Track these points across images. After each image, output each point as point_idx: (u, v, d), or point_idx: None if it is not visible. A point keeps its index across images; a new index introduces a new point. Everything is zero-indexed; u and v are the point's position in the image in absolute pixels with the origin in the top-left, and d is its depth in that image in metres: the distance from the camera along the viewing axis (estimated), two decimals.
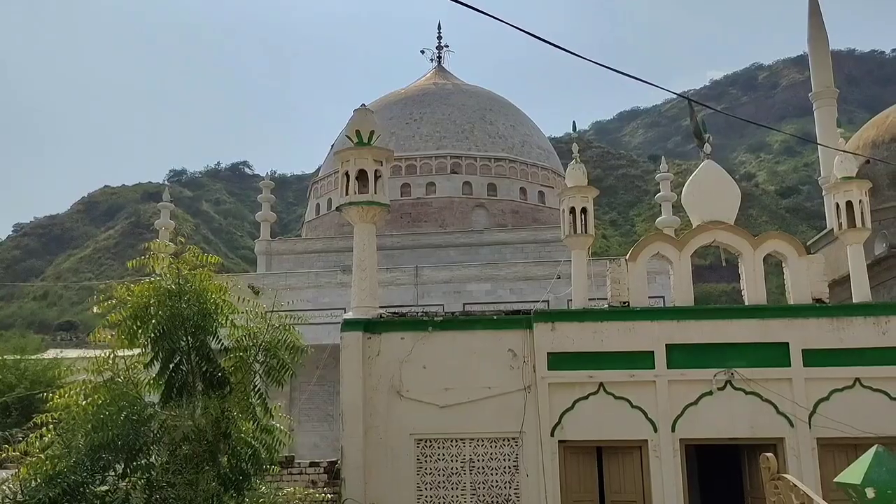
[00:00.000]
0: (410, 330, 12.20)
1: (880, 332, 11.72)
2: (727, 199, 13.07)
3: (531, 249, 25.04)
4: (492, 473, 11.70)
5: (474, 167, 27.18)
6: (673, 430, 11.66)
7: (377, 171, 12.56)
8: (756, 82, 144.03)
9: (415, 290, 23.03)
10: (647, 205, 68.40)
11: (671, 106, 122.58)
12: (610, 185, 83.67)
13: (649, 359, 11.89)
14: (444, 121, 28.50)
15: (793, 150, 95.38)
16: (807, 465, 11.31)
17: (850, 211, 12.76)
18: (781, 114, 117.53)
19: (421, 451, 11.84)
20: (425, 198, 26.96)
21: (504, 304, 20.16)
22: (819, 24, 28.46)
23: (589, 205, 12.87)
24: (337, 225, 26.34)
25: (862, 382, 11.61)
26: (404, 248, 25.14)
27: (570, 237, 12.83)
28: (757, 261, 12.56)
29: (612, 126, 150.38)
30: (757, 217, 71.31)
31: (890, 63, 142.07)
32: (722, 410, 11.69)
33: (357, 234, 12.66)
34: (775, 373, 11.70)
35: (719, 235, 12.71)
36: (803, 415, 11.50)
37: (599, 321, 12.11)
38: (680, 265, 12.61)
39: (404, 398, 11.92)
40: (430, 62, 33.58)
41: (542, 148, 30.03)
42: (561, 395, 11.84)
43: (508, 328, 12.19)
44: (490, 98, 31.04)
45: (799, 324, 11.88)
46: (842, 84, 31.28)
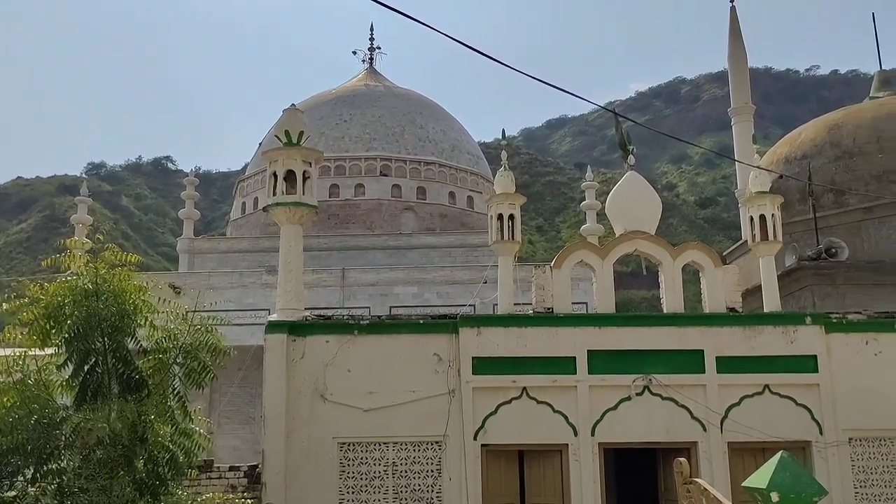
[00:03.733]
0: (336, 333, 12.12)
1: (788, 341, 12.25)
2: (649, 210, 13.45)
3: (459, 254, 25.20)
4: (415, 477, 11.72)
5: (404, 170, 27.20)
6: (592, 434, 11.92)
7: (306, 171, 12.44)
8: (679, 96, 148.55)
9: (341, 293, 22.87)
10: (573, 212, 69.64)
11: (598, 116, 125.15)
12: (537, 191, 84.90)
13: (571, 364, 12.13)
14: (375, 123, 28.43)
15: (712, 162, 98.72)
16: (718, 469, 11.73)
17: (763, 224, 13.30)
18: (702, 127, 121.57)
19: (344, 455, 11.77)
20: (354, 199, 26.83)
21: (431, 308, 20.21)
22: (739, 43, 29.57)
23: (516, 211, 13.05)
24: (263, 224, 25.93)
25: (771, 389, 12.10)
26: (331, 250, 24.93)
27: (497, 243, 12.98)
28: (676, 270, 12.97)
29: (540, 133, 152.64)
30: (677, 226, 73.54)
31: (803, 82, 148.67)
32: (640, 415, 12.01)
33: (283, 234, 12.51)
34: (690, 379, 12.10)
35: (640, 245, 13.06)
36: (716, 420, 11.92)
37: (524, 326, 12.29)
38: (602, 273, 12.91)
39: (328, 402, 11.84)
40: (362, 63, 33.45)
41: (471, 153, 30.27)
42: (485, 400, 11.97)
43: (434, 332, 12.24)
44: (421, 102, 31.12)
45: (713, 332, 12.31)
46: (758, 101, 32.56)
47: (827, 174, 19.93)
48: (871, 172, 19.59)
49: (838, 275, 17.98)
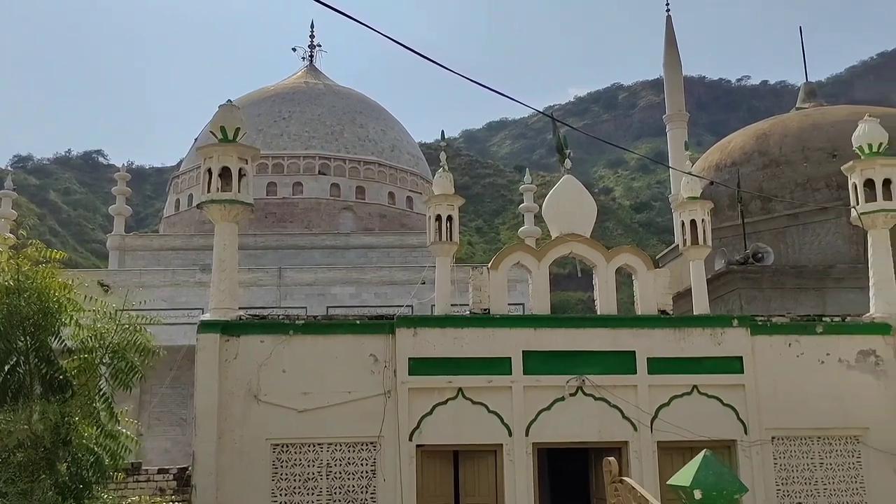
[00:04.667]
0: (271, 333, 11.96)
1: (716, 343, 12.60)
2: (584, 214, 13.67)
3: (397, 254, 25.18)
4: (349, 478, 11.65)
5: (343, 169, 27.03)
6: (527, 434, 12.04)
7: (242, 169, 12.24)
8: (616, 101, 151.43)
9: (277, 292, 22.59)
10: (512, 214, 70.29)
11: (538, 119, 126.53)
12: (477, 193, 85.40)
13: (507, 365, 12.23)
14: (314, 121, 28.19)
15: (648, 167, 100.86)
16: (647, 468, 11.99)
17: (693, 229, 13.67)
18: (639, 132, 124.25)
19: (277, 457, 11.62)
20: (292, 198, 26.54)
21: (369, 308, 20.12)
22: (674, 51, 30.38)
23: (454, 213, 13.11)
24: (197, 222, 25.44)
25: (699, 389, 12.43)
26: (268, 249, 24.61)
27: (435, 244, 13.01)
28: (609, 272, 13.21)
29: (480, 135, 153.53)
30: (613, 230, 74.94)
31: (735, 91, 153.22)
32: (573, 415, 12.19)
33: (218, 232, 12.29)
34: (622, 380, 12.33)
35: (576, 248, 13.27)
36: (646, 420, 12.19)
37: (460, 327, 12.34)
38: (538, 275, 13.06)
39: (262, 402, 11.67)
40: (302, 60, 33.13)
41: (411, 153, 30.28)
42: (421, 400, 11.97)
43: (371, 333, 12.20)
44: (361, 101, 30.98)
45: (645, 333, 12.58)
46: (692, 108, 33.47)
47: (755, 181, 20.60)
48: (796, 180, 20.32)
49: (764, 279, 18.59)
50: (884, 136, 13.35)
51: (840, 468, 12.44)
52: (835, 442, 12.53)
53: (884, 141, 13.31)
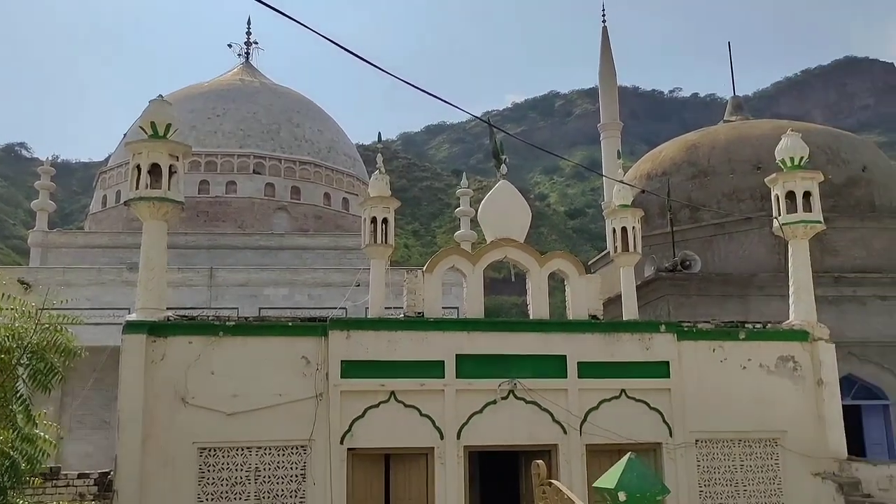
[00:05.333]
0: (200, 334, 11.71)
1: (644, 348, 12.90)
2: (519, 219, 13.82)
3: (332, 256, 24.95)
4: (278, 482, 11.49)
5: (278, 169, 26.67)
6: (458, 437, 12.09)
7: (172, 166, 11.96)
8: (553, 109, 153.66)
9: (208, 292, 22.12)
10: (449, 217, 70.58)
11: (476, 124, 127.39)
12: (414, 196, 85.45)
13: (440, 368, 12.25)
14: (249, 119, 27.74)
15: (582, 174, 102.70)
16: (576, 470, 12.18)
17: (624, 236, 13.96)
18: (574, 140, 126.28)
19: (204, 461, 11.37)
20: (225, 197, 26.05)
21: (302, 310, 19.88)
22: (609, 61, 30.98)
23: (390, 215, 13.08)
24: (125, 219, 24.73)
25: (627, 393, 12.69)
26: (199, 248, 24.06)
27: (370, 246, 12.96)
28: (542, 277, 13.38)
29: (419, 138, 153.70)
30: (547, 235, 75.96)
31: (668, 102, 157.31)
32: (504, 419, 12.29)
33: (146, 231, 11.97)
34: (553, 383, 12.50)
35: (510, 252, 13.39)
36: (575, 423, 12.37)
37: (394, 330, 12.32)
38: (473, 278, 13.14)
39: (189, 405, 11.41)
40: (238, 57, 32.56)
41: (348, 155, 30.09)
42: (352, 403, 11.90)
43: (303, 335, 12.06)
44: (298, 100, 30.64)
45: (576, 338, 12.78)
46: (626, 118, 34.13)
47: (684, 191, 21.17)
48: (723, 191, 20.97)
49: (691, 286, 19.10)
50: (804, 150, 13.88)
51: (759, 470, 12.87)
52: (755, 444, 12.96)
53: (804, 155, 13.84)
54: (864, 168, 21.15)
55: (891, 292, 18.97)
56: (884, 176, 21.72)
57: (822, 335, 13.42)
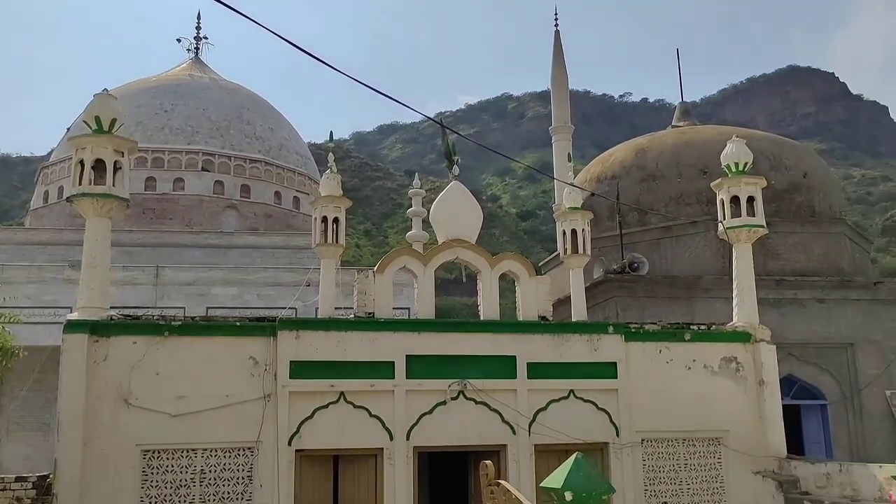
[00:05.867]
0: (144, 334, 11.46)
1: (593, 349, 13.05)
2: (470, 220, 13.86)
3: (283, 255, 24.72)
4: (224, 485, 11.31)
5: (228, 166, 26.32)
6: (408, 438, 12.06)
7: (117, 161, 11.68)
8: (506, 111, 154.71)
9: (154, 291, 21.71)
10: (401, 218, 70.48)
11: (429, 125, 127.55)
12: (366, 195, 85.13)
13: (390, 369, 12.21)
14: (199, 115, 27.31)
15: (534, 177, 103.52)
16: (525, 470, 12.25)
17: (574, 238, 14.10)
18: (526, 142, 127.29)
19: (147, 463, 11.13)
20: (172, 194, 25.60)
21: (251, 310, 19.66)
22: (561, 65, 31.28)
23: (341, 215, 12.98)
24: (68, 216, 24.12)
25: (575, 394, 12.82)
26: (145, 246, 23.61)
27: (320, 246, 12.85)
28: (493, 278, 13.44)
29: (372, 138, 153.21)
30: (499, 237, 76.42)
31: (618, 107, 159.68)
32: (454, 419, 12.31)
33: (89, 228, 11.67)
34: (503, 384, 12.55)
35: (461, 253, 13.42)
36: (524, 423, 12.45)
37: (344, 331, 12.23)
38: (424, 279, 13.13)
39: (132, 407, 11.16)
40: (187, 52, 32.03)
41: (299, 153, 29.83)
42: (301, 404, 11.78)
43: (251, 335, 11.90)
44: (249, 97, 30.28)
45: (526, 338, 12.86)
46: (577, 121, 34.51)
47: (633, 194, 21.51)
48: (671, 195, 21.36)
49: (639, 288, 19.41)
50: (749, 156, 14.22)
51: (702, 468, 13.14)
52: (698, 443, 13.22)
53: (749, 161, 14.18)
54: (805, 174, 21.77)
55: (829, 295, 19.56)
56: (823, 182, 22.40)
57: (764, 337, 13.76)
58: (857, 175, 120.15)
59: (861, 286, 19.90)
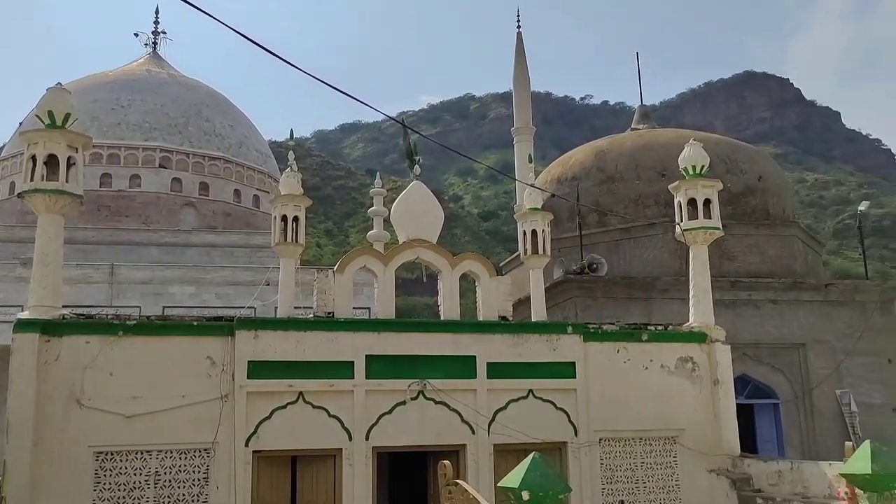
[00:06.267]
0: (98, 333, 11.23)
1: (552, 349, 13.14)
2: (431, 220, 13.86)
3: (242, 254, 24.47)
4: (179, 486, 11.14)
5: (186, 164, 25.95)
6: (367, 438, 12.01)
7: (71, 157, 11.42)
8: (468, 111, 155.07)
9: (109, 290, 21.34)
10: (363, 217, 70.20)
11: (391, 124, 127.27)
12: (328, 194, 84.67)
13: (349, 369, 12.15)
14: (156, 111, 26.87)
15: (495, 177, 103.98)
16: (483, 470, 12.29)
17: (534, 238, 14.19)
18: (488, 143, 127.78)
19: (100, 465, 10.90)
20: (128, 191, 25.17)
21: (209, 310, 19.41)
22: (523, 67, 31.47)
23: (301, 214, 12.89)
24: (20, 212, 23.55)
25: (534, 393, 12.89)
26: (100, 244, 23.18)
27: (280, 245, 12.74)
28: (454, 278, 13.46)
29: (333, 136, 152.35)
30: (461, 237, 76.61)
31: (579, 109, 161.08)
32: (414, 419, 12.29)
33: (41, 225, 11.40)
34: (463, 384, 12.57)
35: (422, 253, 13.41)
36: (484, 423, 12.49)
37: (303, 330, 12.14)
38: (384, 279, 13.09)
39: (85, 407, 10.93)
40: (145, 47, 31.51)
41: (259, 151, 29.54)
42: (259, 405, 11.66)
43: (209, 335, 11.73)
44: (209, 93, 29.88)
45: (486, 338, 12.89)
46: (539, 123, 34.78)
47: (592, 196, 21.72)
48: (630, 196, 21.62)
49: (598, 288, 19.60)
50: (706, 159, 14.45)
51: (658, 467, 13.31)
52: (654, 442, 13.39)
53: (706, 164, 14.40)
54: (759, 178, 22.20)
55: (782, 296, 19.98)
56: (777, 186, 22.87)
57: (719, 337, 13.99)
58: (810, 179, 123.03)
59: (813, 288, 20.36)
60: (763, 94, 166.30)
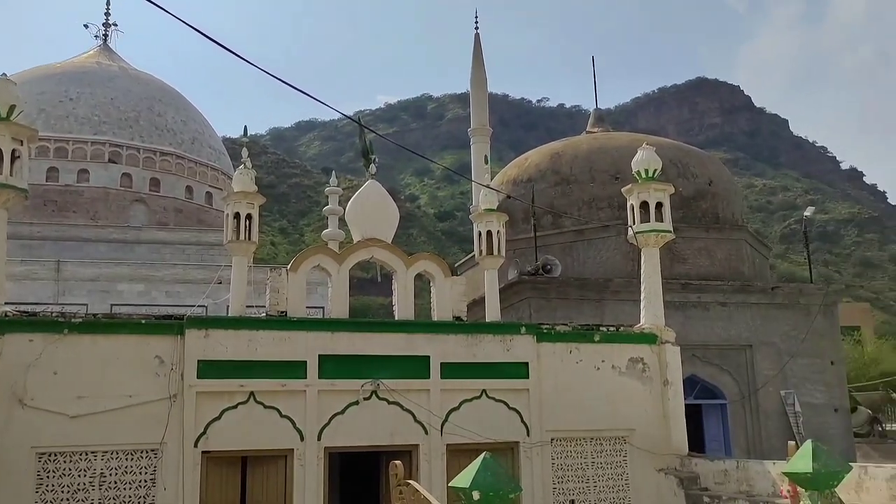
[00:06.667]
0: (42, 331, 10.93)
1: (505, 349, 13.20)
2: (387, 219, 13.81)
3: (193, 252, 24.07)
4: (125, 488, 10.91)
5: (136, 159, 25.43)
6: (319, 438, 11.92)
7: (15, 150, 11.11)
8: (425, 112, 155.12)
9: (55, 287, 20.81)
10: (318, 216, 69.69)
11: (348, 123, 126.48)
12: (283, 192, 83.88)
13: (302, 368, 12.04)
14: (106, 105, 26.28)
15: (452, 178, 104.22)
16: (436, 470, 12.29)
17: (490, 239, 14.25)
18: (445, 143, 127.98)
19: (43, 467, 10.62)
20: (76, 186, 24.56)
21: (159, 308, 19.07)
22: (481, 68, 31.61)
23: (254, 211, 12.74)
24: None
25: (488, 393, 12.94)
26: (46, 239, 22.59)
27: (232, 243, 12.57)
28: (409, 278, 13.44)
29: (289, 134, 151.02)
30: (417, 237, 76.58)
31: (535, 111, 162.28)
32: (366, 419, 12.24)
33: None
34: (416, 384, 12.56)
35: (377, 252, 13.37)
36: (437, 423, 12.49)
37: (255, 329, 11.99)
38: (338, 278, 13.01)
39: (28, 407, 10.63)
40: (95, 39, 30.80)
41: (213, 147, 29.10)
42: (209, 405, 11.48)
43: (158, 333, 11.51)
44: (161, 88, 29.32)
45: (440, 339, 12.90)
46: (496, 124, 34.95)
47: (547, 197, 21.89)
48: (584, 199, 21.85)
49: (552, 289, 19.76)
50: (658, 162, 14.66)
51: (609, 466, 13.47)
52: (605, 442, 13.55)
53: (658, 167, 14.62)
54: (710, 182, 22.64)
55: (731, 299, 20.40)
56: (727, 191, 23.35)
57: (669, 338, 14.22)
58: (759, 184, 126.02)
59: (760, 290, 20.84)
60: (714, 101, 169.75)
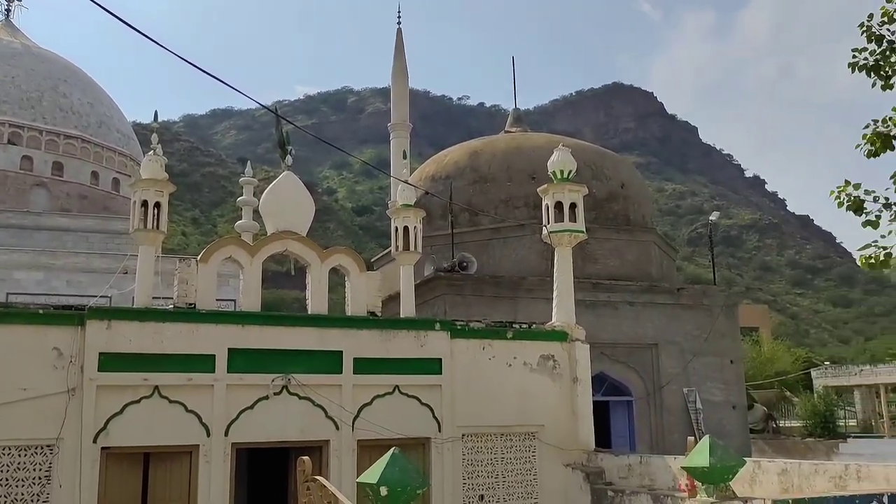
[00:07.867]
0: None
1: (419, 345, 13.21)
2: (302, 212, 13.61)
3: (98, 240, 23.14)
4: (18, 485, 10.38)
5: (38, 141, 24.24)
6: (226, 434, 11.64)
7: None
8: (345, 104, 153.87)
9: None
10: (232, 206, 68.10)
11: (265, 112, 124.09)
12: (196, 181, 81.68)
13: (210, 362, 11.73)
14: (7, 83, 24.97)
15: (371, 172, 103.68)
16: (346, 466, 12.20)
17: (406, 235, 14.22)
18: (364, 137, 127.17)
19: None
20: None
21: (59, 297, 18.23)
22: (402, 63, 31.49)
23: (164, 200, 12.32)
24: None
25: (400, 389, 12.91)
26: None
27: (139, 231, 12.12)
28: (323, 272, 13.27)
29: (204, 122, 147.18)
30: (334, 231, 75.88)
31: (455, 109, 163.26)
32: (276, 415, 12.03)
33: None
34: (328, 379, 12.42)
35: (291, 245, 13.15)
36: (348, 419, 12.39)
37: (162, 321, 11.61)
38: (250, 271, 12.74)
39: None
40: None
41: (121, 132, 28.03)
42: (110, 399, 11.05)
43: (56, 324, 10.99)
44: (67, 68, 28.04)
45: (353, 334, 12.80)
46: (416, 120, 34.85)
47: (465, 195, 22.04)
48: (500, 197, 22.10)
49: (467, 286, 19.91)
50: (573, 164, 14.95)
51: (518, 461, 13.67)
52: (515, 438, 13.74)
53: (573, 169, 14.91)
54: (622, 185, 23.26)
55: (639, 298, 21.02)
56: (638, 194, 24.05)
57: (579, 336, 14.52)
58: (669, 189, 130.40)
59: (666, 291, 21.55)
60: (629, 106, 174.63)
